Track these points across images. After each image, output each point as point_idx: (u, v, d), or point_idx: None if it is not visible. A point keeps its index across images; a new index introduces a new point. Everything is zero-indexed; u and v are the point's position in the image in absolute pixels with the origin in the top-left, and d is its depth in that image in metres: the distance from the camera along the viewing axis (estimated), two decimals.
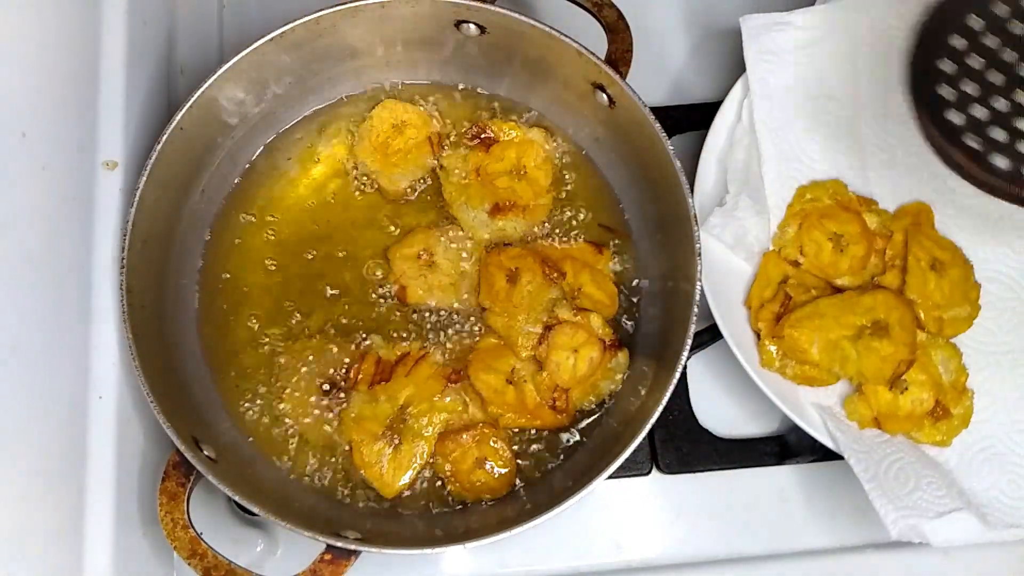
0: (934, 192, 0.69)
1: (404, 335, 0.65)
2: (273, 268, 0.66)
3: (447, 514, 0.61)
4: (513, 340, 0.63)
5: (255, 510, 0.52)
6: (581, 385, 0.63)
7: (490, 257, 0.65)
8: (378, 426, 0.61)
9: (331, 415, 0.62)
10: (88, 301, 0.57)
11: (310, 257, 0.66)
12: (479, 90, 0.70)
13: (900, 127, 0.70)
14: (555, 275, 0.64)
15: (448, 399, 0.62)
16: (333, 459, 0.62)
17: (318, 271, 0.66)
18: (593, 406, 0.64)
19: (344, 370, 0.63)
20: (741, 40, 0.68)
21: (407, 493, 0.61)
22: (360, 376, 0.62)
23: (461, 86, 0.70)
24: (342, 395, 0.62)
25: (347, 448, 0.62)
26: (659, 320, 0.64)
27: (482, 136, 0.67)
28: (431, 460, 0.62)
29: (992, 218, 0.69)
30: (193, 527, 0.54)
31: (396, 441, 0.61)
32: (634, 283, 0.67)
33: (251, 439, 0.62)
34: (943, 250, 0.67)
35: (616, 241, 0.67)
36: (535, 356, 0.63)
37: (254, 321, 0.64)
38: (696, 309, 0.56)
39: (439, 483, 0.62)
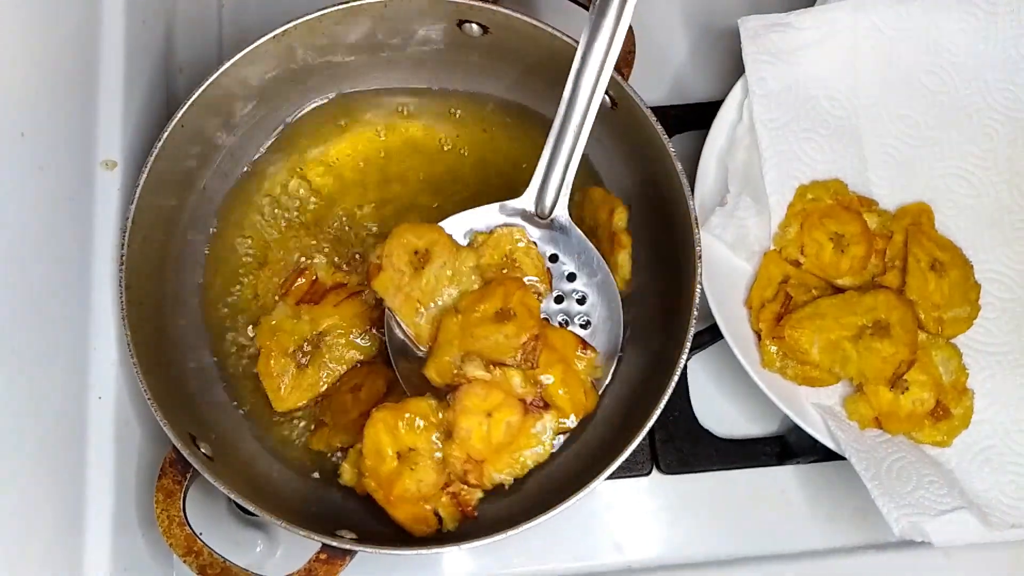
0: (934, 192, 0.69)
1: (348, 267, 0.65)
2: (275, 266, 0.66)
3: None
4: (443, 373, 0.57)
5: (250, 508, 0.52)
6: (499, 455, 0.56)
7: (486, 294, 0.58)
8: (292, 343, 0.61)
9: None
10: (88, 300, 0.57)
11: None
12: (480, 91, 0.69)
13: (900, 127, 0.70)
14: (532, 347, 0.56)
15: (366, 342, 0.62)
16: (333, 458, 0.62)
17: None
18: (511, 481, 0.57)
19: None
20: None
21: None
22: (292, 289, 0.63)
23: (462, 89, 0.70)
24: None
25: (344, 447, 0.61)
26: (659, 320, 0.64)
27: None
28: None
29: (992, 218, 0.69)
30: (190, 525, 0.54)
31: (304, 363, 0.61)
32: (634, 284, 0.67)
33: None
34: (943, 250, 0.67)
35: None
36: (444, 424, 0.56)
37: (254, 319, 0.64)
38: (696, 310, 0.56)
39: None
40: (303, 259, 0.64)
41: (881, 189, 0.70)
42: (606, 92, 0.61)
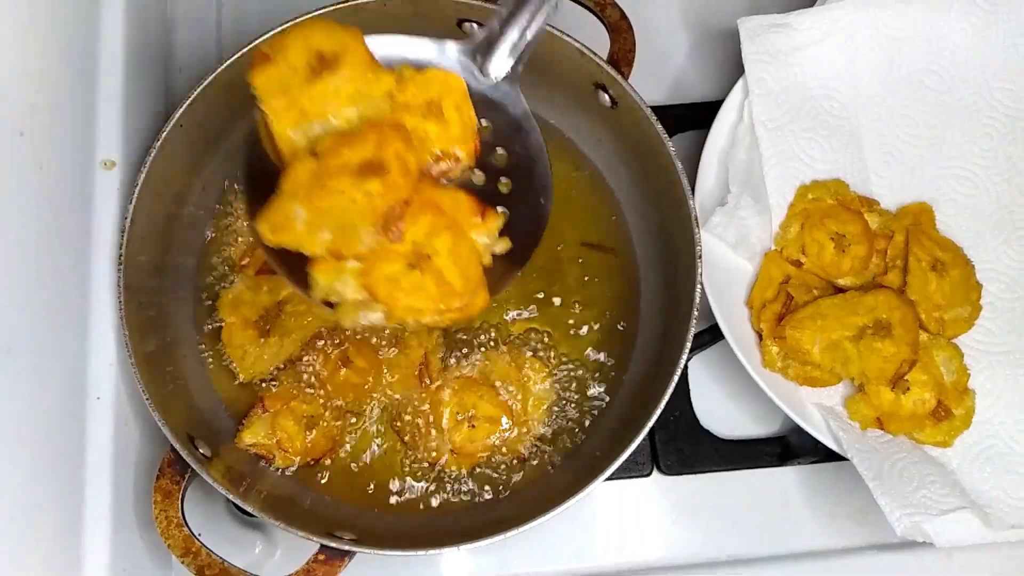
0: (935, 192, 0.69)
1: None
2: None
3: (444, 515, 0.61)
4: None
5: (248, 508, 0.52)
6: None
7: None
8: (253, 313, 0.62)
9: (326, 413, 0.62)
10: (87, 300, 0.57)
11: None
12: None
13: (900, 126, 0.70)
14: (397, 214, 0.44)
15: (326, 307, 0.61)
16: (331, 459, 0.61)
17: None
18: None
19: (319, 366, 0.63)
20: None
21: (402, 498, 0.61)
22: (251, 261, 0.63)
23: None
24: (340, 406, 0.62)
25: (346, 449, 0.62)
26: (659, 320, 0.64)
27: None
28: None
29: (993, 218, 0.69)
30: (188, 525, 0.53)
31: (266, 332, 0.62)
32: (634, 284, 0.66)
33: None
34: (944, 250, 0.66)
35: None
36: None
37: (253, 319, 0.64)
38: (696, 310, 0.56)
39: (437, 479, 0.62)
40: None
41: (882, 189, 0.69)
42: (606, 91, 0.61)
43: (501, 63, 0.50)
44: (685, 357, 0.55)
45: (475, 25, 0.62)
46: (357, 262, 0.44)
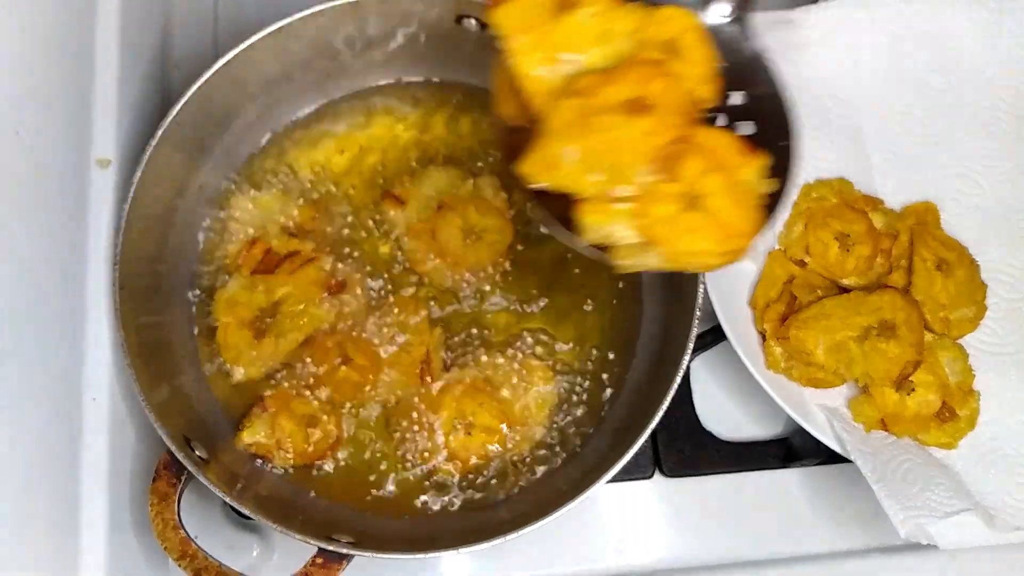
0: (940, 191, 0.69)
1: (298, 234, 0.64)
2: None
3: (444, 517, 0.60)
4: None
5: (244, 511, 0.52)
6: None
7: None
8: (248, 313, 0.61)
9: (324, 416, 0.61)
10: (82, 300, 0.57)
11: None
12: (482, 85, 0.69)
13: (905, 126, 0.70)
14: (673, 152, 0.42)
15: (324, 308, 0.62)
16: (329, 461, 0.61)
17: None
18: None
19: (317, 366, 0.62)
20: None
21: (401, 501, 0.61)
22: (245, 260, 0.63)
23: (463, 80, 0.69)
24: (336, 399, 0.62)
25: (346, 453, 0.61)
26: (661, 321, 0.64)
27: None
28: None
29: (998, 218, 0.68)
30: (184, 528, 0.53)
31: (262, 333, 0.61)
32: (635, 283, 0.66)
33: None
34: (949, 250, 0.66)
35: None
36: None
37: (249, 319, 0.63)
38: (699, 310, 0.56)
39: (435, 481, 0.61)
40: (252, 229, 0.65)
41: (886, 188, 0.69)
42: None
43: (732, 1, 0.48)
44: (687, 358, 0.55)
45: (473, 21, 0.62)
46: (627, 204, 0.42)
